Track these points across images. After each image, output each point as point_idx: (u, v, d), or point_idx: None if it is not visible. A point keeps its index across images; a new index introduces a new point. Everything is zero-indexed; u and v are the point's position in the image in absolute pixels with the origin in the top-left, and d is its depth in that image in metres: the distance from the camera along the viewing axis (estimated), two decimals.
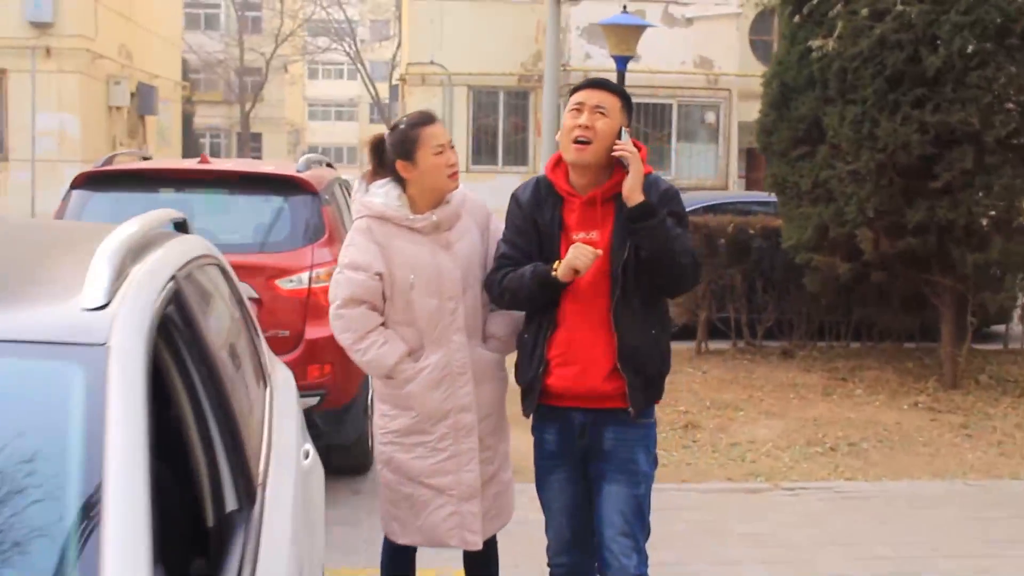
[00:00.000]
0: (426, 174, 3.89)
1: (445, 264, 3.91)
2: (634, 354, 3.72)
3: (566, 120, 3.72)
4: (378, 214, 3.90)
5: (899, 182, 8.99)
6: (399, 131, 3.94)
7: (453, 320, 3.92)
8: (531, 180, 3.92)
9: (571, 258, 3.61)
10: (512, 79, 23.31)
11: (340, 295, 3.86)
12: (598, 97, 3.70)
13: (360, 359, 3.89)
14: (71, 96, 22.41)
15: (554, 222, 3.76)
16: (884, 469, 7.22)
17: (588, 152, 3.67)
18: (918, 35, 8.73)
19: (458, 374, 3.92)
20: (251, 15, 50.21)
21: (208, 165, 6.63)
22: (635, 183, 3.63)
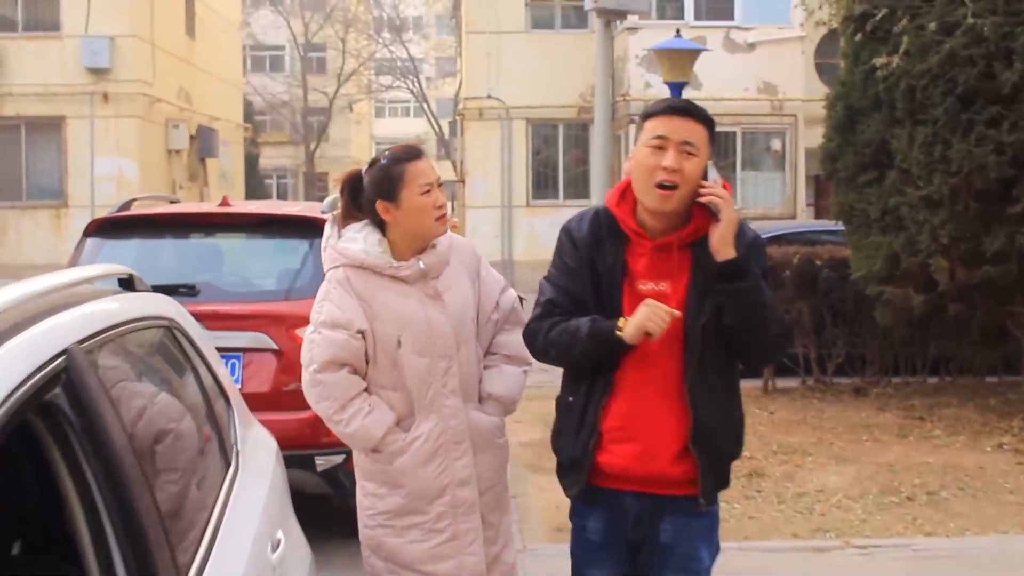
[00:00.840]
0: (411, 217, 3.43)
1: (436, 318, 3.45)
2: (712, 435, 3.16)
3: (644, 156, 3.10)
4: (357, 262, 3.43)
5: (975, 207, 8.42)
6: (380, 167, 3.48)
7: (446, 381, 3.44)
8: (587, 212, 3.31)
9: (643, 319, 3.01)
10: (571, 111, 22.89)
11: (317, 358, 3.38)
12: (686, 130, 3.09)
13: (342, 431, 3.41)
14: (129, 141, 22.44)
15: (616, 267, 3.16)
16: (967, 521, 6.59)
17: (674, 198, 3.08)
18: (991, 49, 8.20)
19: (454, 443, 3.44)
20: (315, 56, 50.48)
21: (228, 208, 6.27)
22: (727, 235, 3.06)
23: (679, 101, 3.22)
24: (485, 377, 3.59)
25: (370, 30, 49.04)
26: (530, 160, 23.23)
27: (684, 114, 3.12)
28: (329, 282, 3.46)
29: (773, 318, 3.14)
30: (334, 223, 3.56)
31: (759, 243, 3.23)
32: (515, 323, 3.69)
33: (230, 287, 5.98)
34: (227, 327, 5.64)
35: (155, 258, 6.22)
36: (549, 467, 7.96)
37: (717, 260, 3.05)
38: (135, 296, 2.70)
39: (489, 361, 3.64)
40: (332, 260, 3.48)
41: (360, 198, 3.51)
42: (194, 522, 2.39)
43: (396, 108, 67.71)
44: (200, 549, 2.27)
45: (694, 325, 3.11)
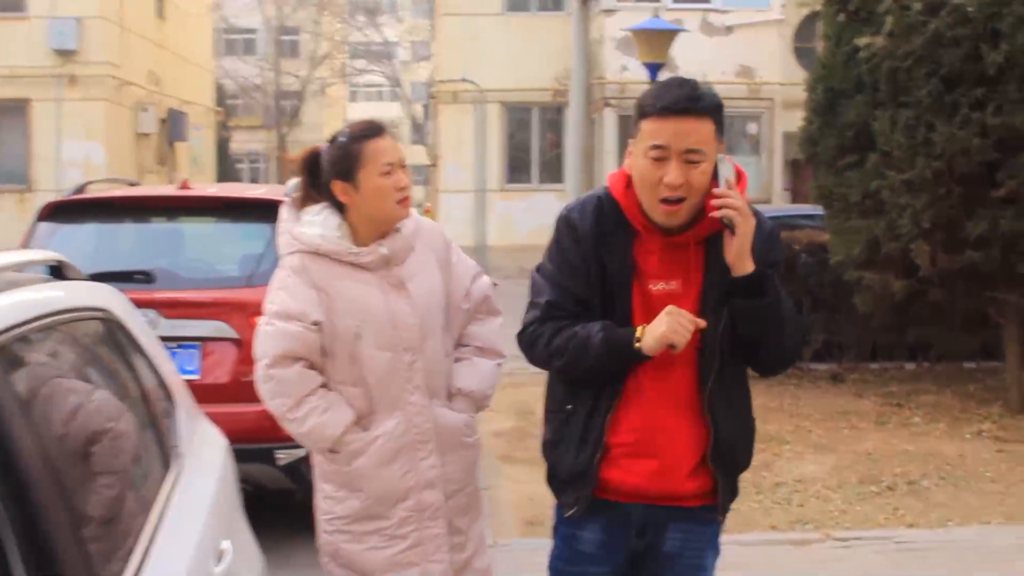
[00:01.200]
0: (369, 199, 3.18)
1: (399, 308, 3.21)
2: (731, 449, 2.92)
3: (644, 168, 2.76)
4: (313, 248, 3.19)
5: (958, 191, 8.24)
6: (338, 144, 3.24)
7: (411, 377, 3.20)
8: (588, 198, 2.95)
9: (666, 330, 2.71)
10: (546, 95, 22.65)
11: (269, 351, 3.14)
12: (688, 133, 2.72)
13: (296, 430, 3.17)
14: (97, 124, 22.08)
15: (625, 265, 2.84)
16: (949, 511, 6.43)
17: (682, 212, 2.78)
18: (977, 30, 8.03)
19: (419, 443, 3.21)
20: (288, 39, 49.98)
21: (188, 191, 6.02)
22: (744, 249, 2.74)
23: (676, 95, 2.75)
24: (455, 371, 3.35)
25: (344, 13, 48.54)
26: (504, 144, 23.03)
27: (684, 113, 2.73)
28: (284, 269, 3.23)
29: (792, 328, 2.90)
30: (292, 206, 3.32)
31: (775, 236, 2.95)
32: (488, 312, 3.47)
33: (189, 273, 5.74)
34: (185, 315, 5.42)
35: (111, 243, 5.97)
36: (522, 458, 7.85)
37: (733, 275, 2.77)
38: (67, 285, 2.47)
39: (460, 353, 3.40)
40: (288, 245, 3.24)
41: (319, 178, 3.26)
42: (130, 531, 2.17)
43: (370, 92, 67.22)
44: (131, 563, 2.06)
45: (712, 331, 2.83)
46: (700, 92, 2.76)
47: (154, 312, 5.37)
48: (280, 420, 3.19)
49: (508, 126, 23.11)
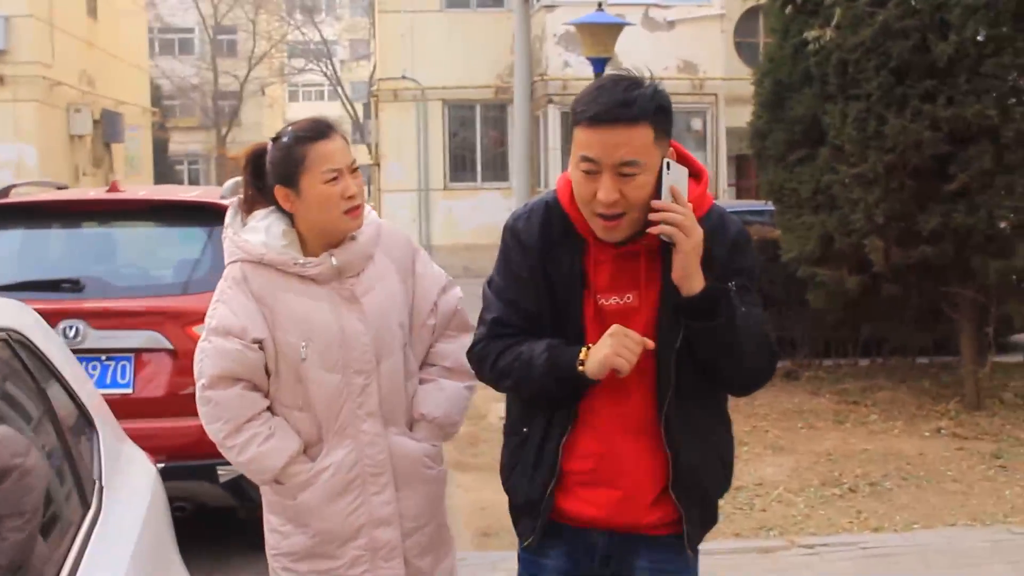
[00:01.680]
0: (313, 208, 2.88)
1: (350, 325, 2.90)
2: (695, 475, 2.65)
3: (577, 179, 2.51)
4: (256, 257, 2.89)
5: (910, 185, 8.10)
6: (280, 146, 2.92)
7: (363, 402, 2.90)
8: (535, 205, 2.71)
9: (609, 355, 2.48)
10: (488, 92, 22.40)
11: (207, 371, 2.86)
12: (619, 145, 2.44)
13: (236, 459, 2.88)
14: (28, 125, 21.49)
15: (574, 277, 2.60)
16: (913, 513, 6.28)
17: (622, 227, 2.52)
18: (925, 21, 7.90)
19: (371, 476, 2.91)
20: (225, 38, 49.35)
21: (118, 194, 5.70)
22: (689, 266, 2.48)
23: (605, 101, 2.46)
24: (419, 394, 3.04)
25: (281, 11, 48.09)
26: (447, 142, 22.74)
27: (613, 122, 2.44)
28: (225, 280, 2.94)
29: (756, 347, 2.60)
30: (237, 209, 3.01)
31: (742, 241, 2.66)
32: (459, 328, 3.16)
33: (120, 281, 5.42)
34: (117, 326, 5.11)
35: (36, 250, 5.65)
36: (474, 463, 7.60)
37: (682, 294, 2.51)
38: None
39: (426, 374, 3.09)
40: (230, 253, 2.95)
41: (264, 180, 2.96)
42: None
43: (310, 92, 66.62)
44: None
45: (666, 350, 2.57)
46: (634, 95, 2.46)
47: (83, 323, 5.07)
48: (220, 448, 2.91)
49: (450, 124, 22.82)
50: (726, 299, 2.50)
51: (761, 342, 2.62)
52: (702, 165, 2.70)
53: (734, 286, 2.57)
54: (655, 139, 2.48)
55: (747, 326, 2.55)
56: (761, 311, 2.68)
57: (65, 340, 5.03)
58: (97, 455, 2.48)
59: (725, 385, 2.70)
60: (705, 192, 2.65)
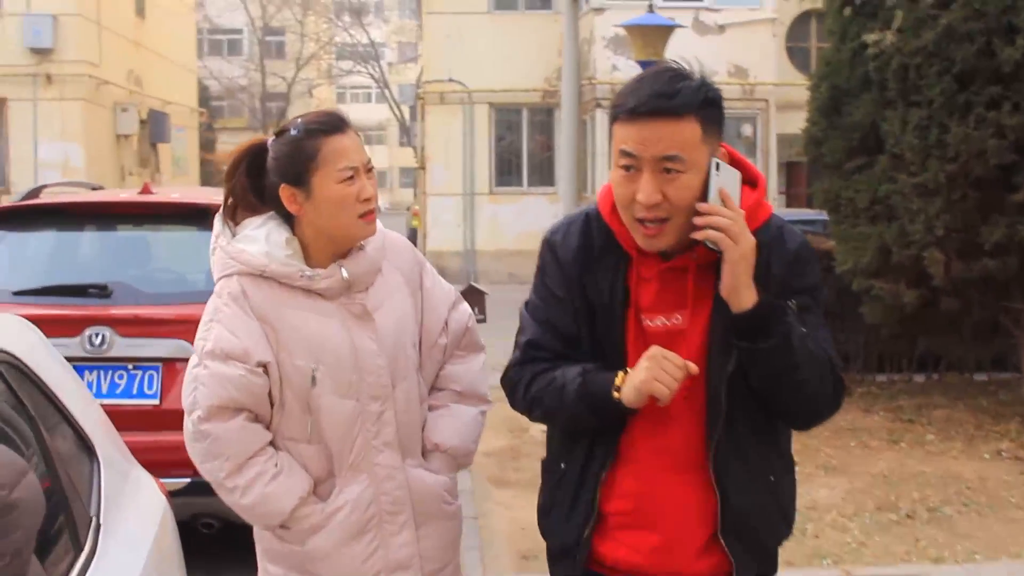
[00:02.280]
0: (325, 211, 2.57)
1: (364, 345, 2.61)
2: (745, 520, 2.37)
3: (616, 179, 2.29)
4: (257, 270, 2.57)
5: (973, 196, 7.81)
6: (288, 139, 2.60)
7: (379, 431, 2.62)
8: (576, 217, 2.48)
9: (645, 379, 2.22)
10: (536, 95, 22.14)
11: (203, 401, 2.54)
12: (662, 138, 2.20)
13: (238, 502, 2.56)
14: (74, 125, 21.46)
15: (615, 295, 2.35)
16: (975, 543, 5.97)
17: (665, 235, 2.27)
18: (991, 24, 7.60)
19: (390, 514, 2.62)
20: (273, 39, 49.48)
21: (149, 196, 5.51)
22: (738, 278, 2.22)
23: (645, 92, 2.23)
24: (430, 422, 2.75)
25: (330, 13, 48.17)
26: (493, 146, 22.49)
27: (656, 114, 2.20)
28: (219, 296, 2.61)
29: (819, 374, 2.31)
30: (226, 217, 2.68)
31: (804, 256, 2.38)
32: (469, 348, 2.88)
33: (150, 287, 5.23)
34: (145, 334, 4.93)
35: (64, 253, 5.47)
36: (514, 479, 7.35)
37: (732, 310, 2.24)
38: None
39: (436, 400, 2.80)
40: (223, 266, 2.62)
41: (262, 180, 2.65)
42: None
43: (357, 94, 66.86)
44: None
45: (717, 376, 2.30)
46: (678, 87, 2.22)
47: (109, 330, 4.89)
48: (217, 489, 2.59)
49: (497, 128, 22.58)
50: (782, 316, 2.24)
51: (825, 368, 2.34)
52: (759, 171, 2.44)
53: (794, 305, 2.30)
54: (703, 135, 2.23)
55: (808, 349, 2.28)
56: (827, 334, 2.40)
57: (91, 348, 4.87)
58: (96, 489, 2.25)
59: (784, 417, 2.42)
60: (762, 201, 2.39)
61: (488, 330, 8.61)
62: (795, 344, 2.24)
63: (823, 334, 2.36)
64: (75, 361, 4.85)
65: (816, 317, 2.36)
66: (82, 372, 4.86)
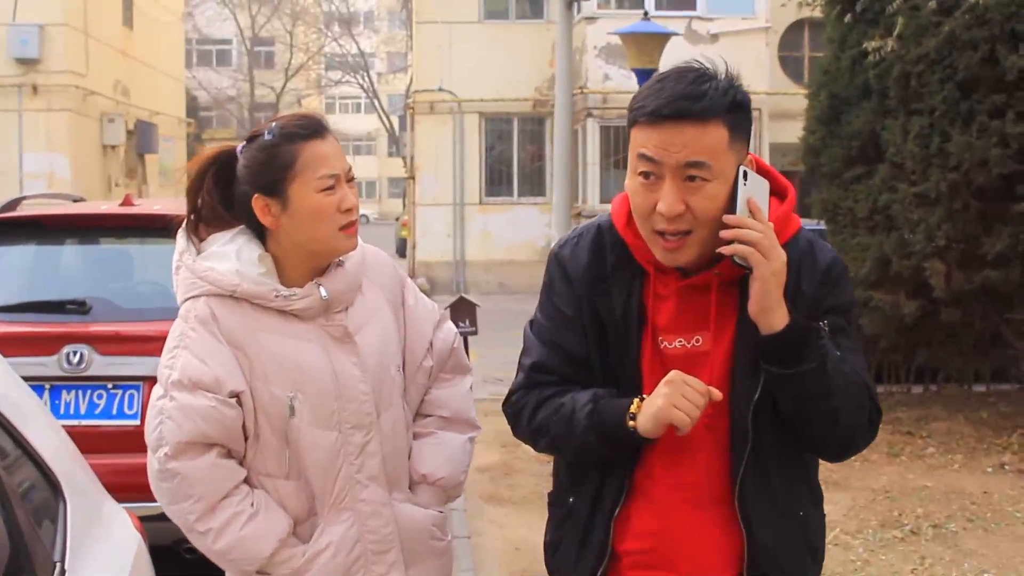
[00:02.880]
0: (303, 223, 2.36)
1: (346, 370, 2.40)
2: (773, 559, 2.19)
3: (634, 187, 2.09)
4: (228, 290, 2.36)
5: (975, 205, 7.69)
6: (262, 144, 2.37)
7: (363, 464, 2.41)
8: (587, 229, 2.28)
9: (664, 407, 2.04)
10: (527, 104, 21.99)
11: (171, 436, 2.30)
12: (687, 143, 2.01)
13: (211, 547, 2.33)
14: (61, 135, 21.28)
15: (630, 315, 2.17)
16: (983, 561, 5.81)
17: (688, 248, 2.08)
18: (995, 32, 7.50)
19: (377, 554, 2.42)
20: (263, 50, 49.35)
21: (131, 208, 5.32)
22: (770, 296, 2.03)
23: (670, 93, 2.03)
24: (417, 451, 2.55)
25: (319, 24, 48.05)
26: (483, 155, 22.33)
27: (679, 117, 2.01)
28: (185, 320, 2.39)
29: (855, 401, 2.13)
30: (188, 232, 2.47)
31: (836, 272, 2.20)
32: (455, 370, 2.68)
33: (131, 303, 5.04)
34: (125, 351, 4.72)
35: (41, 268, 5.27)
36: (507, 497, 7.16)
37: (761, 332, 2.06)
38: None
39: (422, 427, 2.60)
40: (189, 287, 2.40)
41: (231, 190, 2.43)
42: None
43: (347, 104, 66.79)
44: None
45: (742, 403, 2.11)
46: (703, 88, 2.05)
47: (88, 348, 4.69)
48: (187, 532, 2.36)
49: (487, 137, 22.42)
50: (816, 339, 2.06)
51: (861, 396, 2.16)
52: (788, 181, 2.25)
53: (826, 325, 2.13)
54: (730, 141, 2.05)
55: (843, 374, 2.09)
56: (861, 357, 2.22)
57: (69, 367, 4.68)
58: (61, 530, 2.06)
59: (815, 448, 2.24)
60: (791, 213, 2.20)
61: (479, 342, 8.47)
62: (829, 369, 2.06)
63: (857, 358, 2.19)
64: (52, 380, 4.68)
65: (849, 339, 2.19)
66: (59, 392, 4.68)
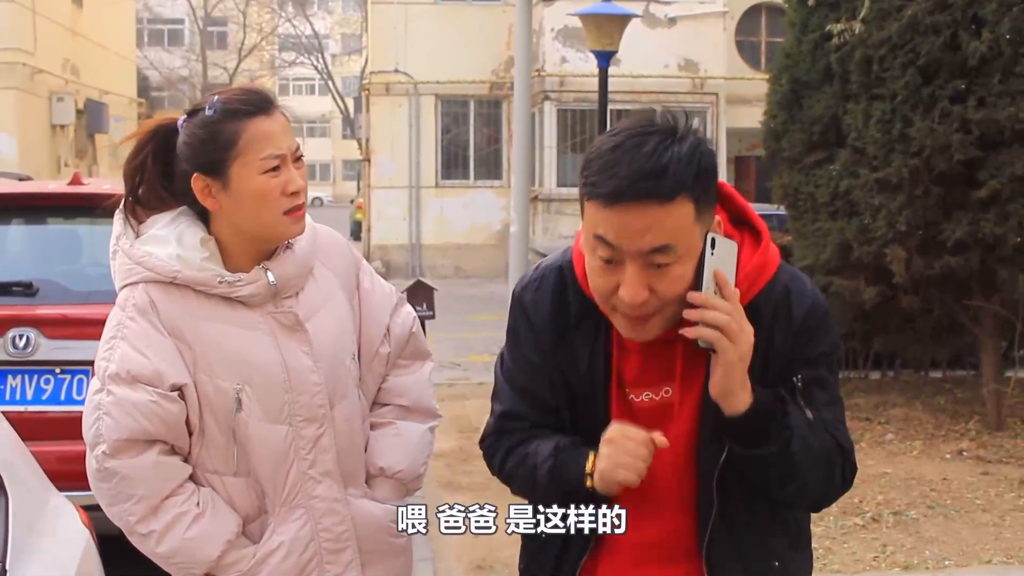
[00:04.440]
0: (246, 205, 2.21)
1: (296, 360, 2.26)
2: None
3: (593, 267, 1.92)
4: (168, 276, 2.21)
5: (936, 191, 7.62)
6: (203, 120, 2.22)
7: (316, 459, 2.27)
8: (548, 272, 2.10)
9: (606, 468, 1.92)
10: (483, 87, 21.84)
11: (109, 434, 2.15)
12: (649, 227, 1.82)
13: (155, 549, 2.19)
14: (8, 114, 20.85)
15: (595, 368, 2.02)
16: (944, 548, 5.80)
17: (653, 326, 1.93)
18: (957, 16, 7.41)
19: (332, 553, 2.30)
20: (215, 30, 48.79)
21: (79, 187, 5.16)
22: (733, 380, 1.88)
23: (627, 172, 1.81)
24: (375, 443, 2.42)
25: (273, 3, 47.56)
26: (439, 138, 22.16)
27: (638, 199, 1.81)
28: (123, 309, 2.23)
29: (823, 473, 2.01)
30: (126, 214, 2.31)
31: (812, 324, 2.01)
32: (415, 356, 2.55)
33: (79, 285, 4.87)
34: (74, 335, 4.57)
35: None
36: (466, 484, 7.04)
37: (724, 411, 1.92)
38: None
39: (379, 417, 2.47)
40: (126, 274, 2.25)
41: (172, 168, 2.27)
42: None
43: (300, 85, 66.20)
44: None
45: (708, 467, 1.99)
46: (664, 161, 1.81)
47: (34, 331, 4.54)
48: (128, 535, 2.21)
49: (443, 120, 22.24)
50: (780, 421, 1.92)
51: (833, 463, 2.01)
52: (761, 221, 2.06)
53: (799, 382, 1.98)
54: (696, 216, 1.85)
55: (811, 449, 1.94)
56: (839, 408, 2.07)
57: (15, 351, 4.52)
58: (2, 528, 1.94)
59: (786, 507, 2.11)
60: (767, 255, 2.02)
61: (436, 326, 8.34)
62: (795, 450, 1.93)
63: (833, 412, 2.03)
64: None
65: (827, 391, 2.03)
66: (5, 376, 4.53)
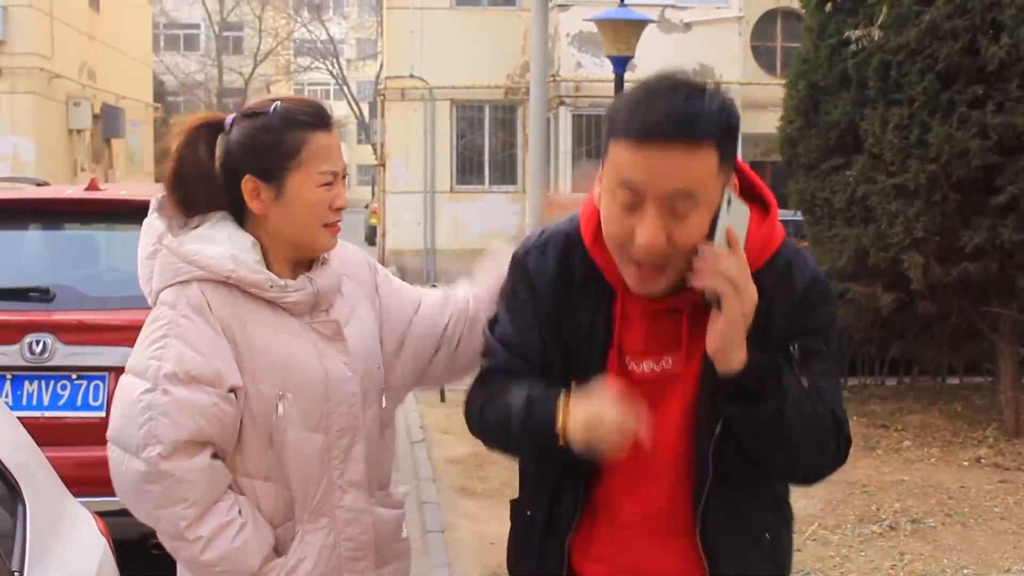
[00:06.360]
0: (295, 215, 2.18)
1: (337, 370, 2.22)
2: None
3: (611, 211, 1.90)
4: (222, 275, 2.16)
5: (954, 198, 7.58)
6: (265, 123, 2.18)
7: (346, 469, 2.24)
8: (555, 235, 2.10)
9: (586, 430, 1.88)
10: (498, 92, 21.80)
11: (167, 435, 2.08)
12: (676, 170, 1.82)
13: (199, 557, 2.12)
14: (25, 118, 20.89)
15: (595, 334, 2.02)
16: (962, 556, 5.76)
17: (664, 278, 1.92)
18: (975, 21, 7.38)
19: (350, 561, 2.27)
20: (231, 35, 48.87)
21: (96, 193, 5.16)
22: (732, 336, 1.86)
23: (660, 110, 1.82)
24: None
25: (288, 8, 47.59)
26: (454, 143, 22.13)
27: (670, 140, 1.81)
28: (173, 307, 2.17)
29: (819, 438, 1.98)
30: (161, 210, 2.26)
31: (813, 296, 2.01)
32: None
33: (96, 291, 4.87)
34: (90, 341, 4.57)
35: (4, 254, 5.08)
36: (480, 489, 7.03)
37: (717, 369, 1.89)
38: None
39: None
40: (174, 272, 2.18)
41: (216, 169, 2.23)
42: None
43: (316, 90, 66.24)
44: None
45: (705, 435, 1.98)
46: (698, 108, 1.82)
47: (51, 337, 4.54)
48: (172, 539, 2.15)
49: (459, 125, 22.22)
50: (775, 381, 1.90)
51: (827, 431, 1.99)
52: (771, 194, 2.07)
53: (796, 351, 1.97)
54: (719, 167, 1.86)
55: (805, 413, 1.93)
56: (835, 381, 2.06)
57: (31, 356, 4.52)
58: (20, 537, 1.93)
59: (780, 476, 2.12)
60: (773, 228, 2.02)
61: None
62: (788, 412, 1.91)
63: (829, 384, 2.02)
64: (14, 371, 4.52)
65: (824, 363, 2.01)
66: (21, 382, 4.52)
